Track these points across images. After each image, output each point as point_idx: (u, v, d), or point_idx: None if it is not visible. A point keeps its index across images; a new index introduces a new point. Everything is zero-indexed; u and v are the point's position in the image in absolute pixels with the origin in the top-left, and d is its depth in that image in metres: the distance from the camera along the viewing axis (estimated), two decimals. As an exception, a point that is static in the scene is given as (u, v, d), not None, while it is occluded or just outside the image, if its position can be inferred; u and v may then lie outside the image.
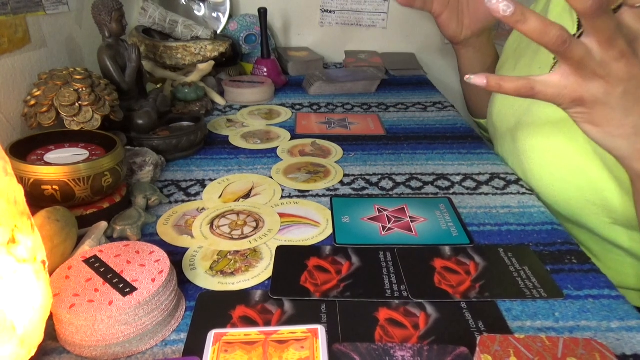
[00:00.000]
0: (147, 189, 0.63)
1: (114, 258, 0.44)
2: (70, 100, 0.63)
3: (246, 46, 1.21)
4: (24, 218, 0.34)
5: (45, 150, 0.59)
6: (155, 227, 0.58)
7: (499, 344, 0.36)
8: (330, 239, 0.56)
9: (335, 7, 1.34)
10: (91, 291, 0.40)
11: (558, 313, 0.45)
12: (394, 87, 1.14)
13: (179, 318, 0.44)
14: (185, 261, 0.52)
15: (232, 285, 0.49)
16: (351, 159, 0.77)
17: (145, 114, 0.75)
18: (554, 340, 0.36)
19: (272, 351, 0.36)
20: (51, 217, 0.47)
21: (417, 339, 0.42)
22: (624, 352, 0.41)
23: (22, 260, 0.33)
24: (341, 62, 1.34)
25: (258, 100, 1.02)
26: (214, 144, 0.82)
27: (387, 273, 0.50)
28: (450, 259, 0.52)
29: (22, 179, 0.52)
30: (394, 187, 0.68)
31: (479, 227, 0.59)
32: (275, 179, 0.70)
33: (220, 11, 1.21)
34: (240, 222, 0.59)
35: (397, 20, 1.36)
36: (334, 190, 0.67)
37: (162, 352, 0.41)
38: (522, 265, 0.51)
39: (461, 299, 0.47)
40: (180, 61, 1.00)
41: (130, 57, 0.77)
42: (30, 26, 0.72)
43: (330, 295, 0.47)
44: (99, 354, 0.40)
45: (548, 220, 0.60)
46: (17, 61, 0.69)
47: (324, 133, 0.86)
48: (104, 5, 0.73)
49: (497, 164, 0.75)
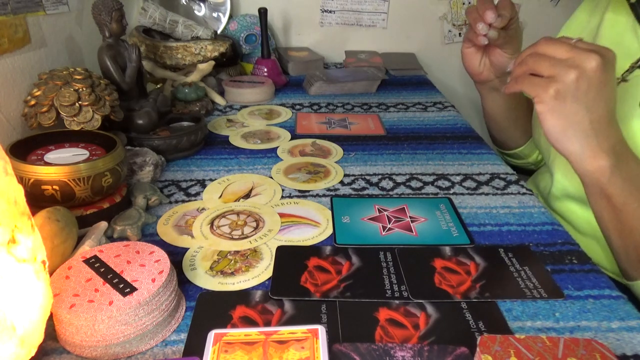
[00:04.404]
0: (147, 189, 0.63)
1: (114, 258, 0.44)
2: (70, 100, 0.63)
3: (246, 46, 1.21)
4: (24, 218, 0.34)
5: (45, 150, 0.59)
6: (155, 227, 0.58)
7: (499, 344, 0.36)
8: (330, 239, 0.56)
9: (335, 7, 1.34)
10: (91, 291, 0.40)
11: (558, 313, 0.45)
12: (394, 87, 1.14)
13: (179, 318, 0.44)
14: (185, 261, 0.52)
15: (232, 285, 0.49)
16: (351, 159, 0.77)
17: (145, 114, 0.75)
18: (555, 341, 0.36)
19: (272, 351, 0.36)
20: (51, 217, 0.47)
21: (418, 339, 0.42)
22: (624, 352, 0.41)
23: (22, 260, 0.33)
24: (341, 62, 1.34)
25: (258, 100, 1.02)
26: (214, 144, 0.82)
27: (387, 273, 0.50)
28: (451, 259, 0.52)
29: (22, 179, 0.52)
30: (394, 187, 0.68)
31: (479, 227, 0.59)
32: (275, 179, 0.70)
33: (221, 11, 1.21)
34: (240, 222, 0.59)
35: (397, 20, 1.35)
36: (334, 190, 0.67)
37: (162, 352, 0.41)
38: (522, 266, 0.51)
39: (461, 299, 0.47)
40: (180, 61, 1.00)
41: (131, 57, 0.77)
42: (30, 26, 0.72)
43: (331, 296, 0.47)
44: (99, 354, 0.40)
45: (548, 220, 0.60)
46: (17, 61, 0.69)
47: (324, 133, 0.86)
48: (104, 5, 0.73)
49: (497, 164, 0.75)
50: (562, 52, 0.53)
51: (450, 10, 1.35)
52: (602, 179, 0.54)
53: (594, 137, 0.53)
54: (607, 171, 0.54)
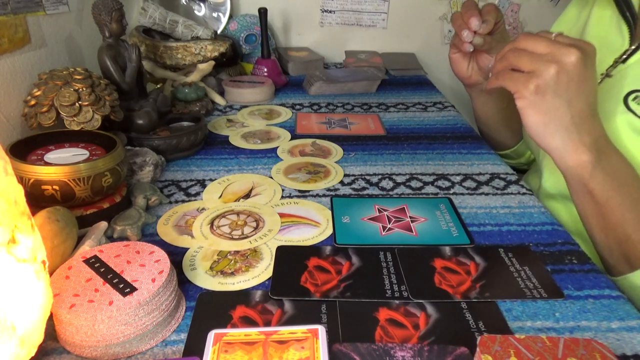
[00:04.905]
0: (147, 189, 0.63)
1: (114, 258, 0.44)
2: (70, 100, 0.63)
3: (246, 46, 1.21)
4: (24, 218, 0.34)
5: (45, 150, 0.59)
6: (155, 227, 0.58)
7: (499, 344, 0.36)
8: (330, 239, 0.56)
9: (335, 7, 1.34)
10: (91, 291, 0.40)
11: (558, 313, 0.45)
12: (394, 87, 1.14)
13: (179, 318, 0.44)
14: (185, 261, 0.52)
15: (232, 285, 0.49)
16: (351, 159, 0.77)
17: (145, 114, 0.75)
18: (555, 341, 0.36)
19: (272, 351, 0.36)
20: (51, 217, 0.47)
21: (417, 339, 0.42)
22: (624, 353, 0.41)
23: (22, 260, 0.33)
24: (341, 62, 1.34)
25: (258, 100, 1.02)
26: (214, 144, 0.82)
27: (387, 273, 0.50)
28: (451, 259, 0.52)
29: (22, 179, 0.52)
30: (394, 187, 0.68)
31: (479, 227, 0.59)
32: (275, 179, 0.70)
33: (221, 11, 1.21)
34: (240, 222, 0.59)
35: (397, 20, 1.36)
36: (334, 190, 0.67)
37: (162, 352, 0.41)
38: (522, 266, 0.51)
39: (461, 299, 0.47)
40: (180, 61, 1.00)
41: (131, 57, 0.77)
42: (30, 26, 0.72)
43: (331, 296, 0.47)
44: (99, 354, 0.40)
45: (548, 220, 0.60)
46: (17, 61, 0.69)
47: (324, 133, 0.86)
48: (104, 5, 0.73)
49: (497, 164, 0.75)
50: (542, 47, 0.53)
51: (450, 10, 1.35)
52: (584, 173, 0.54)
53: (576, 132, 0.53)
54: (588, 166, 0.54)
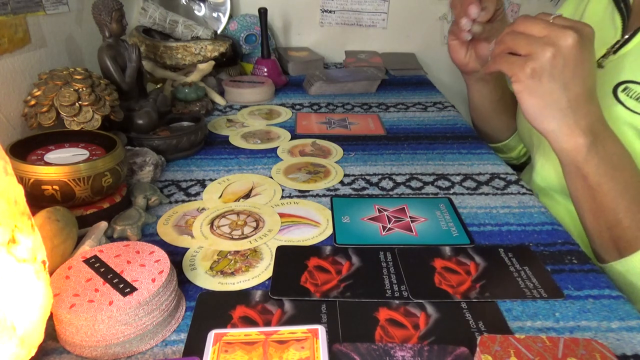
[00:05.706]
0: (147, 189, 0.63)
1: (114, 258, 0.44)
2: (70, 100, 0.63)
3: (246, 46, 1.21)
4: (24, 218, 0.34)
5: (45, 150, 0.59)
6: (155, 227, 0.58)
7: (499, 344, 0.36)
8: (330, 239, 0.56)
9: (335, 7, 1.34)
10: (91, 291, 0.40)
11: (558, 313, 0.45)
12: (394, 87, 1.14)
13: (179, 318, 0.44)
14: (185, 261, 0.52)
15: (232, 285, 0.49)
16: (351, 159, 0.77)
17: (145, 114, 0.75)
18: (554, 341, 0.36)
19: (272, 351, 0.36)
20: (51, 217, 0.47)
21: (417, 339, 0.42)
22: (624, 353, 0.41)
23: (22, 260, 0.33)
24: (341, 62, 1.34)
25: (258, 100, 1.02)
26: (214, 144, 0.82)
27: (387, 273, 0.50)
28: (451, 259, 0.52)
29: (22, 179, 0.52)
30: (394, 187, 0.68)
31: (479, 227, 0.59)
32: (275, 179, 0.70)
33: (221, 11, 1.21)
34: (240, 222, 0.59)
35: (397, 20, 1.36)
36: (334, 190, 0.67)
37: (162, 352, 0.41)
38: (522, 265, 0.51)
39: (461, 299, 0.47)
40: (180, 61, 1.00)
41: (131, 57, 0.77)
42: (30, 26, 0.72)
43: (331, 295, 0.47)
44: (99, 354, 0.40)
45: (548, 220, 0.60)
46: (17, 61, 0.69)
47: (324, 133, 0.86)
48: (104, 5, 0.73)
49: (497, 164, 0.75)
50: (539, 30, 0.52)
51: (450, 10, 1.35)
52: (579, 157, 0.54)
53: (572, 115, 0.53)
54: (583, 149, 0.53)
